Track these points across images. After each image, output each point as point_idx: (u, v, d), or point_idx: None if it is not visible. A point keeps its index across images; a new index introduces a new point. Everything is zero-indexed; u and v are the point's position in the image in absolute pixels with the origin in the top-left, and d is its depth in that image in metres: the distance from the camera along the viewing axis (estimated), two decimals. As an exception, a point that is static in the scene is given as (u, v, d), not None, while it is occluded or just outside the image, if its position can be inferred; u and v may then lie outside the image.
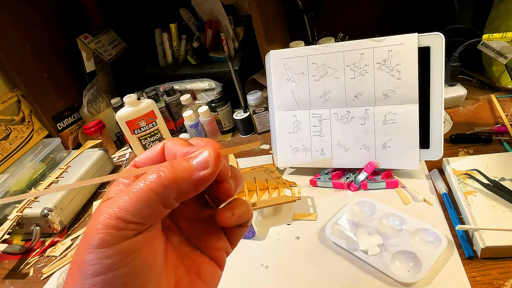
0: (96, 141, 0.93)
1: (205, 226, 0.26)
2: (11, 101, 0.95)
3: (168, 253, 0.23)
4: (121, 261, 0.19)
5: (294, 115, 0.69)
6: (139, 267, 0.19)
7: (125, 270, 0.19)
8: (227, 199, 0.25)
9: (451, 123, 0.72)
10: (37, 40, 0.99)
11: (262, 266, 0.54)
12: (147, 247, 0.20)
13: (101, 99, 1.12)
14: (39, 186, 0.79)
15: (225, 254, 0.27)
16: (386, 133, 0.62)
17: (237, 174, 0.24)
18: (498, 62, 0.72)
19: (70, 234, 0.74)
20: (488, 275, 0.44)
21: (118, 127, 0.91)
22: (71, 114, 1.08)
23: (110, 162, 0.92)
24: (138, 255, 0.19)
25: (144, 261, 0.20)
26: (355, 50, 0.61)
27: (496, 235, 0.45)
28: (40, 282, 0.64)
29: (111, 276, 0.18)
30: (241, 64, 0.94)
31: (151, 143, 0.85)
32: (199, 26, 1.03)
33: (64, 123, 1.05)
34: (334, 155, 0.66)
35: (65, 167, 0.83)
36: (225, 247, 0.27)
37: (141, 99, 0.87)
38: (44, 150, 0.93)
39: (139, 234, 0.20)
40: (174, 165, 0.21)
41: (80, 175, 0.82)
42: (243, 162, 0.80)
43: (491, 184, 0.51)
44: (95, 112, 1.09)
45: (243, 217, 0.25)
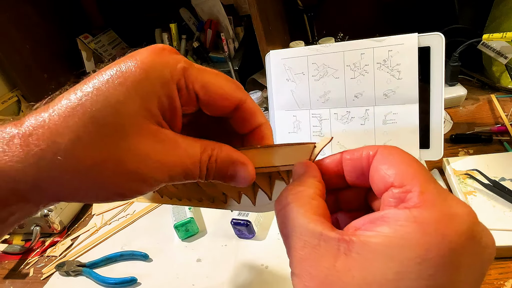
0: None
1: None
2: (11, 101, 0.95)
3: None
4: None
5: (294, 115, 0.69)
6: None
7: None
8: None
9: (451, 123, 0.72)
10: (37, 40, 0.99)
11: (262, 266, 0.54)
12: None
13: (101, 99, 1.12)
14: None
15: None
16: (386, 133, 0.62)
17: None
18: (498, 62, 0.72)
19: (70, 234, 0.74)
20: (488, 275, 0.44)
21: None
22: (71, 114, 1.08)
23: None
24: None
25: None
26: (355, 50, 0.61)
27: (496, 235, 0.45)
28: (40, 282, 0.64)
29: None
30: (241, 64, 0.94)
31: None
32: (199, 26, 1.03)
33: (64, 123, 1.05)
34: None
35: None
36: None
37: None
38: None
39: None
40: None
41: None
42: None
43: (491, 184, 0.51)
44: (95, 112, 1.09)
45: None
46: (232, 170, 0.24)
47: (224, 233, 0.61)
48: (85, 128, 0.19)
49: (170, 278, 0.56)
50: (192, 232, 0.62)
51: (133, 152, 0.20)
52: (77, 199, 0.21)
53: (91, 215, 0.77)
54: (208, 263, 0.57)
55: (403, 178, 0.18)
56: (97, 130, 0.19)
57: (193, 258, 0.59)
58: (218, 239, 0.61)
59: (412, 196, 0.18)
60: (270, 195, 0.28)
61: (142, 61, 0.21)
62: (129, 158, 0.20)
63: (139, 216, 0.72)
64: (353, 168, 0.22)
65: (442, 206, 0.17)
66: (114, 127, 0.20)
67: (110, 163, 0.20)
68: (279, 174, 0.27)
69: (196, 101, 0.24)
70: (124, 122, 0.20)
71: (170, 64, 0.22)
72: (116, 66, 0.21)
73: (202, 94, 0.23)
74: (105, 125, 0.19)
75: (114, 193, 0.21)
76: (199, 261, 0.58)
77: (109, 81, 0.20)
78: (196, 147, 0.23)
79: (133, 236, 0.68)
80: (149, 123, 0.21)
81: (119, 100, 0.20)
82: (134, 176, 0.20)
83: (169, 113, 0.22)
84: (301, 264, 0.18)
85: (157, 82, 0.21)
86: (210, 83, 0.23)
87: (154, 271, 0.59)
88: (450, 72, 0.75)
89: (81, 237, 0.72)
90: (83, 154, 0.19)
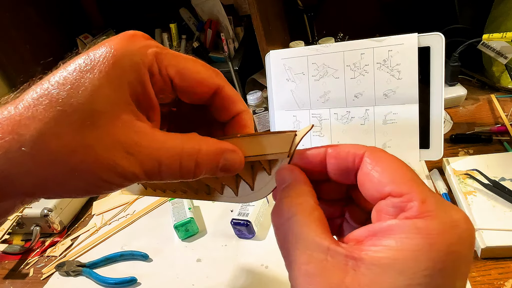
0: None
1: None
2: (11, 101, 0.95)
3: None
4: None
5: (294, 115, 0.69)
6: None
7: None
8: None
9: (451, 123, 0.72)
10: (37, 40, 0.99)
11: (262, 266, 0.54)
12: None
13: (101, 99, 1.12)
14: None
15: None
16: (386, 133, 0.62)
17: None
18: (498, 62, 0.72)
19: (70, 234, 0.74)
20: (488, 275, 0.44)
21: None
22: (71, 114, 1.08)
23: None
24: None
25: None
26: (355, 50, 0.61)
27: (496, 235, 0.45)
28: (40, 282, 0.64)
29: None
30: (241, 64, 0.94)
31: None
32: (199, 26, 1.03)
33: (64, 123, 1.05)
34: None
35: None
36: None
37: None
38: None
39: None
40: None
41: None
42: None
43: (491, 184, 0.51)
44: (95, 112, 1.09)
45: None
46: (223, 159, 0.23)
47: (224, 233, 0.61)
48: (51, 118, 0.18)
49: (170, 278, 0.56)
50: (192, 232, 0.62)
51: (103, 141, 0.19)
52: (50, 192, 0.20)
53: (91, 215, 0.77)
54: (208, 263, 0.57)
55: (401, 186, 0.18)
56: (64, 119, 0.18)
57: (193, 258, 0.59)
58: (218, 239, 0.61)
59: (413, 205, 0.18)
60: (252, 186, 0.27)
61: (112, 48, 0.20)
62: (98, 146, 0.19)
63: (139, 216, 0.72)
64: (337, 167, 0.22)
65: (444, 215, 0.17)
66: (83, 115, 0.19)
67: (79, 152, 0.19)
68: (261, 164, 0.26)
69: (172, 88, 0.23)
70: (92, 110, 0.19)
71: (141, 49, 0.21)
72: (85, 54, 0.20)
73: (177, 79, 0.22)
74: (73, 114, 0.19)
75: (86, 184, 0.20)
76: (199, 261, 0.58)
77: (76, 69, 0.19)
78: (175, 143, 0.21)
79: (133, 236, 0.68)
80: (121, 112, 0.20)
81: (87, 88, 0.19)
82: (105, 167, 0.19)
83: (144, 100, 0.21)
84: (307, 279, 0.18)
85: (127, 67, 0.20)
86: (185, 68, 0.23)
87: (154, 271, 0.59)
88: (450, 72, 0.75)
89: (81, 237, 0.72)
90: (49, 144, 0.18)
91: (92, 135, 0.19)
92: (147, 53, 0.21)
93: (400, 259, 0.16)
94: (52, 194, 0.20)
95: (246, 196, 0.29)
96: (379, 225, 0.18)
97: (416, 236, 0.17)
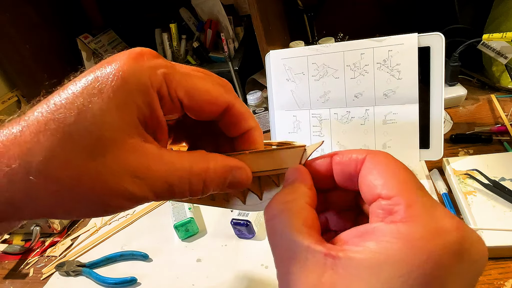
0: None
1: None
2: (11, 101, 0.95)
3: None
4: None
5: (294, 115, 0.69)
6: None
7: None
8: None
9: (451, 123, 0.72)
10: (37, 40, 0.99)
11: (262, 266, 0.54)
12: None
13: (101, 99, 1.12)
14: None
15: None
16: (386, 133, 0.62)
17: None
18: (498, 62, 0.72)
19: (70, 234, 0.74)
20: (488, 275, 0.44)
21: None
22: (71, 114, 1.08)
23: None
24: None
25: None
26: (355, 50, 0.61)
27: (496, 235, 0.45)
28: (40, 282, 0.64)
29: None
30: (241, 64, 0.94)
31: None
32: (199, 26, 1.03)
33: (64, 123, 1.05)
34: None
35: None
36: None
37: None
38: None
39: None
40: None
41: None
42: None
43: (491, 184, 0.51)
44: (95, 112, 1.09)
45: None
46: (230, 176, 0.23)
47: (224, 233, 0.61)
48: (57, 145, 0.18)
49: (170, 278, 0.56)
50: (192, 232, 0.62)
51: (111, 167, 0.19)
52: (58, 216, 0.20)
53: (91, 215, 0.77)
54: (208, 263, 0.57)
55: (391, 189, 0.18)
56: (71, 146, 0.18)
57: (193, 258, 0.59)
58: (218, 239, 0.61)
59: (399, 209, 0.17)
60: (260, 196, 0.28)
61: (119, 68, 0.19)
62: (107, 173, 0.19)
63: (139, 216, 0.72)
64: (341, 172, 0.22)
65: (429, 221, 0.17)
66: (90, 142, 0.18)
67: (87, 179, 0.19)
68: (269, 177, 0.26)
69: (181, 108, 0.22)
70: (100, 136, 0.18)
71: (150, 70, 0.20)
72: (92, 73, 0.19)
73: (186, 100, 0.22)
74: (79, 140, 0.18)
75: (94, 210, 0.20)
76: (199, 261, 0.58)
77: (83, 92, 0.19)
78: (184, 162, 0.21)
79: (133, 236, 0.68)
80: (129, 137, 0.19)
81: (94, 113, 0.18)
82: (114, 193, 0.19)
83: (152, 123, 0.21)
84: (287, 276, 0.18)
85: (135, 90, 0.19)
86: (194, 89, 0.22)
87: (154, 271, 0.59)
88: (450, 72, 0.75)
89: (81, 237, 0.72)
90: (57, 172, 0.18)
91: (99, 162, 0.19)
92: (156, 74, 0.20)
93: (376, 262, 0.16)
94: (63, 217, 0.20)
95: (254, 205, 0.29)
96: (366, 226, 0.18)
97: (397, 240, 0.16)
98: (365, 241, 0.17)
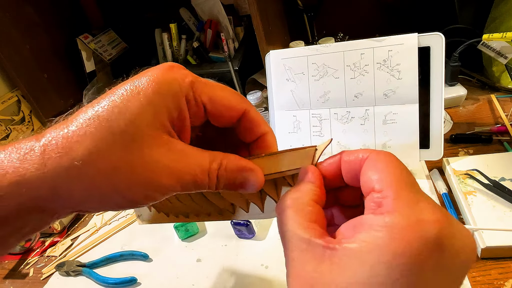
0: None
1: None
2: (11, 101, 0.95)
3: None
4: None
5: (294, 115, 0.69)
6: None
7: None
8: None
9: (451, 123, 0.72)
10: (37, 40, 0.99)
11: (262, 266, 0.54)
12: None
13: (101, 99, 1.12)
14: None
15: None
16: (386, 133, 0.62)
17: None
18: (498, 62, 0.72)
19: (70, 234, 0.74)
20: (488, 275, 0.44)
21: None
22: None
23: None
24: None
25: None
26: (355, 50, 0.61)
27: (496, 235, 0.45)
28: (40, 282, 0.64)
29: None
30: (241, 64, 0.94)
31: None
32: (199, 26, 1.03)
33: (64, 123, 1.05)
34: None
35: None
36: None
37: (141, 99, 0.87)
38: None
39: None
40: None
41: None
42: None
43: (491, 184, 0.51)
44: (95, 112, 1.09)
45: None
46: (241, 177, 0.25)
47: (224, 233, 0.61)
48: (101, 137, 0.21)
49: (170, 278, 0.56)
50: (192, 232, 0.62)
51: (146, 160, 0.21)
52: (91, 206, 0.22)
53: (91, 215, 0.77)
54: (208, 263, 0.57)
55: (383, 183, 0.20)
56: (112, 139, 0.21)
57: (193, 258, 0.59)
58: (218, 239, 0.61)
59: (386, 202, 0.19)
60: (277, 200, 0.29)
61: (154, 77, 0.23)
62: (141, 165, 0.21)
63: (139, 216, 0.72)
64: (348, 170, 0.24)
65: (412, 213, 0.18)
66: (128, 137, 0.21)
67: (124, 170, 0.21)
68: (285, 179, 0.27)
69: (204, 113, 0.25)
70: (137, 132, 0.21)
71: (179, 79, 0.23)
72: (130, 82, 0.23)
73: (209, 105, 0.25)
74: (119, 134, 0.21)
75: (127, 200, 0.22)
76: (199, 261, 0.58)
77: (124, 95, 0.22)
78: (205, 157, 0.24)
79: (133, 236, 0.68)
80: (161, 134, 0.22)
81: (133, 112, 0.21)
82: (146, 183, 0.22)
83: (179, 124, 0.24)
84: (291, 264, 0.21)
85: (167, 95, 0.23)
86: (216, 95, 0.25)
87: (154, 271, 0.59)
88: (450, 72, 0.75)
89: (81, 237, 0.72)
90: (98, 160, 0.21)
91: (135, 155, 0.21)
92: (184, 82, 0.24)
93: (365, 250, 0.18)
94: (92, 208, 0.22)
95: (272, 211, 0.30)
96: (359, 219, 0.20)
97: (382, 229, 0.18)
98: (357, 232, 0.19)
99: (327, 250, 0.19)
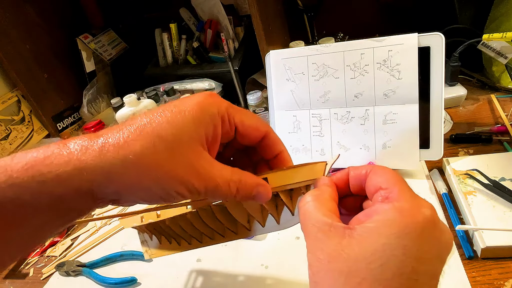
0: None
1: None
2: (11, 101, 0.95)
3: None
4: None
5: (294, 115, 0.69)
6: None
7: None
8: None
9: (451, 123, 0.72)
10: (37, 40, 0.99)
11: (262, 266, 0.54)
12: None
13: (101, 99, 1.12)
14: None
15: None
16: (386, 133, 0.62)
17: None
18: (498, 62, 0.72)
19: (70, 234, 0.74)
20: (488, 275, 0.44)
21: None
22: (71, 114, 1.08)
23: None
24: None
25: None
26: (355, 50, 0.61)
27: (496, 235, 0.45)
28: (40, 282, 0.64)
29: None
30: (241, 64, 0.94)
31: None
32: (199, 26, 1.03)
33: (64, 123, 1.05)
34: (334, 155, 0.66)
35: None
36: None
37: (141, 99, 0.87)
38: (44, 150, 0.93)
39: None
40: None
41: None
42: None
43: (491, 184, 0.51)
44: (95, 112, 1.09)
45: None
46: (255, 190, 0.30)
47: (224, 233, 0.61)
48: (152, 140, 0.26)
49: (170, 278, 0.56)
50: (192, 232, 0.62)
51: (183, 163, 0.27)
52: (132, 195, 0.26)
53: (91, 215, 0.77)
54: (208, 263, 0.57)
55: (388, 183, 0.26)
56: (160, 143, 0.26)
57: (193, 258, 0.59)
58: (218, 239, 0.61)
59: (394, 194, 0.25)
60: (292, 210, 0.33)
61: (197, 101, 0.28)
62: (180, 166, 0.26)
63: (139, 216, 0.72)
64: (355, 181, 0.29)
65: (413, 200, 0.25)
66: (173, 143, 0.26)
67: (166, 167, 0.26)
68: (300, 190, 0.32)
69: (234, 132, 0.31)
70: (180, 140, 0.26)
71: (217, 103, 0.29)
72: (178, 102, 0.28)
73: (240, 126, 0.31)
74: (166, 140, 0.26)
75: (163, 192, 0.27)
76: (199, 261, 0.58)
77: (172, 111, 0.27)
78: (227, 170, 0.29)
79: (133, 236, 0.68)
80: (197, 145, 0.28)
81: (179, 124, 0.27)
82: (181, 181, 0.26)
83: (211, 140, 0.29)
84: (315, 243, 0.25)
85: (207, 115, 0.28)
86: (245, 118, 0.31)
87: (154, 271, 0.59)
88: (450, 72, 0.75)
89: (81, 237, 0.72)
90: (148, 157, 0.25)
91: (176, 157, 0.26)
92: (221, 106, 0.29)
93: (380, 226, 0.23)
94: (133, 196, 0.26)
95: (287, 222, 0.35)
96: (371, 208, 0.26)
97: (393, 211, 0.24)
98: (371, 216, 0.25)
99: (347, 230, 0.24)
